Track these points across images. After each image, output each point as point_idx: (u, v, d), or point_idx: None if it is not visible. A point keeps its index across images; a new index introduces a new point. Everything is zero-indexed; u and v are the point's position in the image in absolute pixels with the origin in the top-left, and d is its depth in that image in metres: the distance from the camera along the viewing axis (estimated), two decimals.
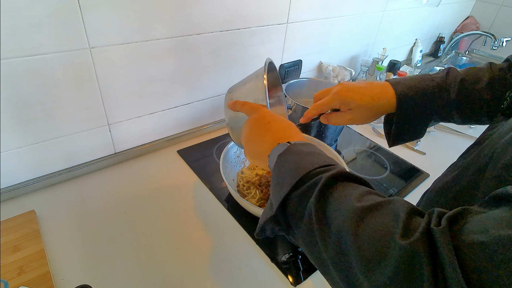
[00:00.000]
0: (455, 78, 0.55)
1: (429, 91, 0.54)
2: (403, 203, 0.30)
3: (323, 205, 0.33)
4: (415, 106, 0.54)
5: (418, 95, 0.54)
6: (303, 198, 0.35)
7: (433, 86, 0.54)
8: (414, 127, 0.56)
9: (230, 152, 0.79)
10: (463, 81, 0.54)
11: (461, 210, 0.27)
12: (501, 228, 0.23)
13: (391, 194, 0.84)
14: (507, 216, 0.24)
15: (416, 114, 0.55)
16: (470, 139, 1.14)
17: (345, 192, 0.34)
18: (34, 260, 0.58)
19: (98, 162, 0.81)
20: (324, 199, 0.34)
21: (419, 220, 0.28)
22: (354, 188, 0.35)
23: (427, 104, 0.54)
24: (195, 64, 0.86)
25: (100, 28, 0.65)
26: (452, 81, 0.55)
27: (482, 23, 1.95)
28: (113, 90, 0.74)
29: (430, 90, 0.54)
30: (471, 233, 0.24)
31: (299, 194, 0.35)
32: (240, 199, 0.66)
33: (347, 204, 0.32)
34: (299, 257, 0.65)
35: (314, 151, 0.41)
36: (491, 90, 0.53)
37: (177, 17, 0.75)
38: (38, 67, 0.62)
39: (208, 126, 1.01)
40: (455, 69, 0.56)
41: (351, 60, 1.40)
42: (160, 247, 0.65)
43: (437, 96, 0.54)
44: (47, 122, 0.69)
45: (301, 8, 1.00)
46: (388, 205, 0.30)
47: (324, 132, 0.98)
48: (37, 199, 0.73)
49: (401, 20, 1.49)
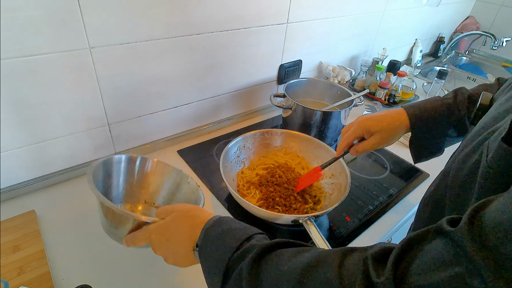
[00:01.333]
0: (463, 95, 0.61)
1: (439, 110, 0.60)
2: (331, 264, 0.32)
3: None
4: (428, 124, 0.60)
5: (429, 114, 0.60)
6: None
7: (442, 105, 0.61)
8: (431, 143, 0.63)
9: (230, 152, 0.79)
10: (471, 96, 0.59)
11: (400, 250, 0.29)
12: (438, 270, 0.25)
13: (391, 194, 0.85)
14: (443, 254, 0.26)
15: (430, 132, 0.61)
16: None
17: (273, 266, 0.35)
18: (34, 260, 0.58)
19: None
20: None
21: (354, 274, 0.29)
22: (280, 257, 0.36)
23: (438, 122, 0.60)
24: (195, 64, 0.86)
25: (100, 28, 0.65)
26: (461, 98, 0.60)
27: (482, 23, 1.95)
28: (113, 90, 0.74)
29: (439, 109, 0.61)
30: (413, 276, 0.27)
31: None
32: (240, 199, 0.66)
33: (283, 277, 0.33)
34: None
35: (223, 231, 0.41)
36: None
37: (177, 17, 0.75)
38: (38, 67, 0.62)
39: (208, 126, 1.01)
40: (463, 88, 0.62)
41: (351, 60, 1.40)
42: None
43: (447, 114, 0.60)
44: (47, 122, 0.69)
45: (301, 8, 1.00)
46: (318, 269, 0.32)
47: (324, 132, 0.98)
48: (37, 199, 0.73)
49: (401, 20, 1.49)
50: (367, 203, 0.81)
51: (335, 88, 1.08)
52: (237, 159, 0.82)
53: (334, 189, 0.77)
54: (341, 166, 0.76)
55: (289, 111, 0.98)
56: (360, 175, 0.91)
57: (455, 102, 0.60)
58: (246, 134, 0.83)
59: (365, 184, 0.87)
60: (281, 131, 0.88)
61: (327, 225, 0.74)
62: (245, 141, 0.83)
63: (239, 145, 0.82)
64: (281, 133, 0.87)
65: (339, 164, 0.77)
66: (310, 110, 0.93)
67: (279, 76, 1.11)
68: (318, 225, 0.64)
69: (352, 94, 1.01)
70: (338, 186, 0.76)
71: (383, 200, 0.82)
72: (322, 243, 0.57)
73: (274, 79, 1.12)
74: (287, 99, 0.97)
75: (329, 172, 0.80)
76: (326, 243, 0.57)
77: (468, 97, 0.60)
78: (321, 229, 0.73)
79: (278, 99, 1.00)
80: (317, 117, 0.94)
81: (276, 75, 1.11)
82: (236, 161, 0.82)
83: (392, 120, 0.63)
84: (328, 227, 0.73)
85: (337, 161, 0.73)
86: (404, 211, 0.81)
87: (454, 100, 0.61)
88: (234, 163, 0.81)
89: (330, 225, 0.74)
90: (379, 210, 0.79)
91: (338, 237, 0.71)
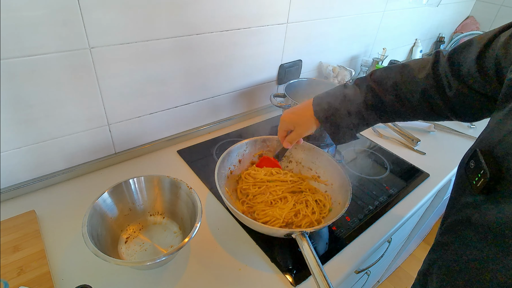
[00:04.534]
0: (364, 80, 0.64)
1: (337, 89, 0.67)
2: None
3: None
4: (332, 117, 0.64)
5: (328, 94, 0.67)
6: None
7: (340, 86, 0.67)
8: (340, 128, 0.65)
9: (229, 158, 0.78)
10: (368, 86, 0.63)
11: None
12: None
13: (391, 194, 0.85)
14: None
15: (335, 118, 0.64)
16: (470, 139, 1.14)
17: None
18: (34, 260, 0.58)
19: (98, 162, 0.81)
20: None
21: None
22: None
23: (337, 96, 0.65)
24: (195, 64, 0.86)
25: (100, 28, 0.65)
26: (361, 82, 0.64)
27: (482, 23, 1.95)
28: (113, 90, 0.74)
29: (337, 88, 0.67)
30: None
31: None
32: (234, 211, 0.63)
33: None
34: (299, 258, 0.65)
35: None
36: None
37: (177, 17, 0.75)
38: (38, 67, 0.62)
39: (208, 126, 1.01)
40: (365, 77, 0.65)
41: (351, 60, 1.40)
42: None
43: (344, 89, 0.65)
44: (47, 122, 0.69)
45: (301, 8, 1.00)
46: None
47: (324, 132, 0.98)
48: (37, 199, 0.73)
49: (401, 20, 1.49)
50: (367, 203, 0.81)
51: None
52: (232, 166, 0.80)
53: (333, 202, 0.74)
54: (343, 177, 0.73)
55: None
56: (360, 175, 0.91)
57: (355, 84, 0.65)
58: (245, 140, 0.80)
59: (365, 184, 0.87)
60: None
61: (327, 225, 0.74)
62: (244, 148, 0.81)
63: (238, 151, 0.80)
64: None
65: (342, 177, 0.73)
66: None
67: (279, 76, 1.11)
68: None
69: None
70: (336, 198, 0.73)
71: (383, 200, 0.82)
72: (314, 262, 0.54)
73: (274, 79, 1.12)
74: (287, 99, 0.97)
75: (329, 182, 0.78)
76: (318, 262, 0.54)
77: (369, 87, 0.63)
78: (324, 230, 0.73)
79: (278, 99, 1.00)
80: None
81: (276, 75, 1.11)
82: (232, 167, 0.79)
83: (304, 113, 0.68)
84: (328, 227, 0.73)
85: (339, 174, 0.74)
86: (404, 211, 0.81)
87: (354, 83, 0.66)
88: (227, 169, 0.78)
89: (330, 225, 0.74)
90: (379, 210, 0.79)
91: (338, 237, 0.71)
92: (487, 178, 0.35)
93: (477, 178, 0.37)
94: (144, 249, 0.63)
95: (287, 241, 0.66)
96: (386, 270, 1.50)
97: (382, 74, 0.62)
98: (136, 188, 0.66)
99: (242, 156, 0.81)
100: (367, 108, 0.63)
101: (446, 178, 0.94)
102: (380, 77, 0.62)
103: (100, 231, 0.58)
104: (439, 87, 0.55)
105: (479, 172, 0.37)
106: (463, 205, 0.42)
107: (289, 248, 0.67)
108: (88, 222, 0.55)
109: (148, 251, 0.63)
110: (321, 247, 0.69)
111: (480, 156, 0.38)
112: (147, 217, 0.69)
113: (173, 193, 0.67)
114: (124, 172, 0.83)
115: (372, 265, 0.87)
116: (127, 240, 0.64)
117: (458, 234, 0.42)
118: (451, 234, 0.44)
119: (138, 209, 0.68)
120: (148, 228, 0.67)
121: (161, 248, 0.64)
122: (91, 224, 0.56)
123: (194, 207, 0.62)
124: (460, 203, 0.43)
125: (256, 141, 0.82)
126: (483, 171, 0.36)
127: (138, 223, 0.67)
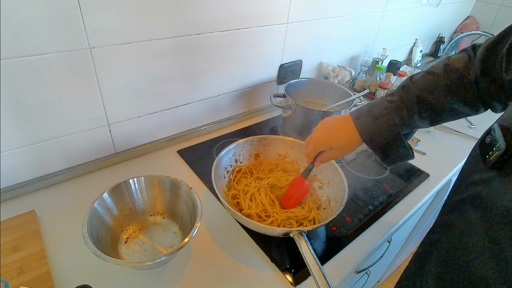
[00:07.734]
0: (411, 97, 0.57)
1: (384, 112, 0.58)
2: None
3: None
4: (376, 131, 0.58)
5: (375, 120, 0.58)
6: None
7: (387, 107, 0.58)
8: (390, 148, 0.59)
9: (224, 159, 0.77)
10: (419, 97, 0.56)
11: None
12: None
13: (391, 194, 0.85)
14: None
15: (383, 137, 0.58)
16: (470, 139, 1.14)
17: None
18: (34, 260, 0.58)
19: (98, 162, 0.81)
20: None
21: None
22: None
23: (386, 125, 0.57)
24: (195, 64, 0.86)
25: (100, 28, 0.65)
26: (409, 99, 0.57)
27: (482, 23, 1.95)
28: (113, 90, 0.74)
29: (384, 111, 0.58)
30: None
31: None
32: (231, 211, 0.64)
33: None
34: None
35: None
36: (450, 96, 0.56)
37: (177, 17, 0.75)
38: (38, 67, 0.62)
39: (208, 126, 1.01)
40: (409, 87, 0.58)
41: (351, 60, 1.40)
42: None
43: (395, 116, 0.57)
44: (47, 122, 0.69)
45: (301, 8, 1.00)
46: None
47: None
48: (37, 199, 0.73)
49: (401, 20, 1.49)
50: (367, 203, 0.81)
51: (335, 88, 1.08)
52: (229, 168, 0.80)
53: (331, 200, 0.74)
54: (339, 175, 0.73)
55: (289, 111, 0.98)
56: (360, 175, 0.91)
57: (402, 102, 0.57)
58: (241, 140, 0.80)
59: (365, 184, 0.87)
60: (277, 137, 0.84)
61: (327, 225, 0.74)
62: (239, 148, 0.80)
63: (234, 151, 0.80)
64: (277, 140, 0.84)
65: (337, 174, 0.74)
66: (310, 110, 0.93)
67: (279, 76, 1.11)
68: None
69: (352, 94, 1.01)
70: (334, 196, 0.73)
71: (383, 200, 0.82)
72: (312, 261, 0.54)
73: (274, 79, 1.12)
74: (287, 99, 0.97)
75: (326, 181, 0.78)
76: (316, 261, 0.54)
77: (417, 98, 0.57)
78: (321, 229, 0.73)
79: (278, 99, 0.99)
80: (317, 117, 0.94)
81: (276, 75, 1.11)
82: (229, 169, 0.79)
83: (344, 137, 0.63)
84: (328, 227, 0.73)
85: (335, 171, 0.74)
86: (404, 211, 0.81)
87: (400, 100, 0.58)
88: (225, 172, 0.78)
89: (330, 225, 0.74)
90: (379, 210, 0.79)
91: (338, 237, 0.71)
92: (501, 150, 0.37)
93: (491, 152, 0.39)
94: (144, 249, 0.63)
95: (287, 241, 0.66)
96: (386, 270, 1.50)
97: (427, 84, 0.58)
98: (136, 188, 0.66)
99: (238, 156, 0.81)
100: (417, 126, 0.59)
101: (446, 178, 0.94)
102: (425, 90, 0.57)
103: (100, 231, 0.58)
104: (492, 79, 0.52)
105: (494, 146, 0.39)
106: (471, 183, 0.42)
107: (289, 248, 0.67)
108: (88, 222, 0.55)
109: (148, 251, 0.63)
110: (321, 247, 0.69)
111: (497, 130, 0.39)
112: (147, 217, 0.69)
113: (173, 193, 0.67)
114: (124, 172, 0.83)
115: (372, 265, 0.87)
116: (127, 240, 0.64)
117: (462, 213, 0.42)
118: (455, 213, 0.44)
119: (138, 209, 0.68)
120: (148, 228, 0.67)
121: (161, 248, 0.64)
122: (91, 224, 0.56)
123: (194, 207, 0.62)
124: (468, 182, 0.43)
125: (252, 141, 0.82)
126: (498, 144, 0.38)
127: (138, 223, 0.67)
